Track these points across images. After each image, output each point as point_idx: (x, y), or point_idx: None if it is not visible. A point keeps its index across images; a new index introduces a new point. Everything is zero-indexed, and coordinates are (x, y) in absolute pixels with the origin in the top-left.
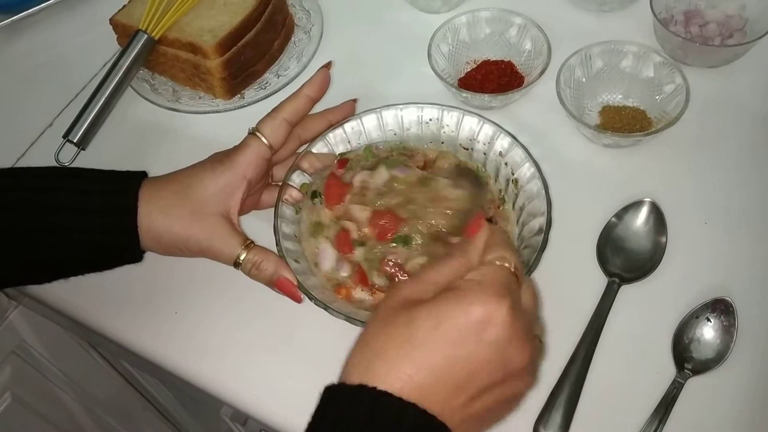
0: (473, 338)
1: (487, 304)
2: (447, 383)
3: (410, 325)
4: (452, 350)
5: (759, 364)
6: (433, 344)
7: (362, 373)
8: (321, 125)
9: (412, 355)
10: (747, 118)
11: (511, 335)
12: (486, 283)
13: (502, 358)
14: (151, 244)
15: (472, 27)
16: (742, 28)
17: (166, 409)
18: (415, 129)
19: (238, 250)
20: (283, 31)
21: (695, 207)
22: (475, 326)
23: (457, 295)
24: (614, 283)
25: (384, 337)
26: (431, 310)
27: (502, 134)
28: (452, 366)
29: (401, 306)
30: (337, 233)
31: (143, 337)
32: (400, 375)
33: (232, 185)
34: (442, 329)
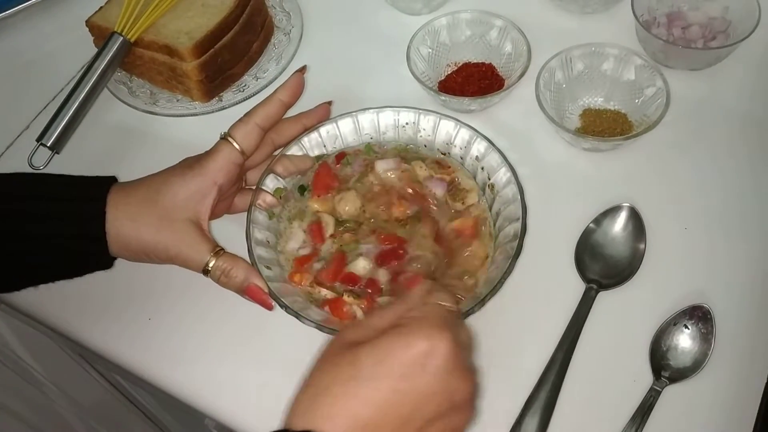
0: (418, 370)
1: (429, 337)
2: (394, 417)
3: (355, 363)
4: (397, 384)
5: (736, 373)
6: (378, 380)
7: (307, 414)
8: (295, 129)
9: (358, 391)
10: (729, 122)
11: (455, 366)
12: (427, 318)
13: (448, 388)
14: (120, 250)
15: (453, 29)
16: (725, 31)
17: (152, 414)
18: (391, 133)
19: (207, 257)
20: (262, 33)
21: (675, 212)
22: (418, 359)
23: (399, 331)
24: (592, 290)
25: (328, 376)
26: (375, 347)
27: (479, 138)
28: (398, 400)
29: (345, 347)
30: (312, 223)
31: (118, 344)
32: (346, 413)
33: (202, 191)
34: (387, 364)
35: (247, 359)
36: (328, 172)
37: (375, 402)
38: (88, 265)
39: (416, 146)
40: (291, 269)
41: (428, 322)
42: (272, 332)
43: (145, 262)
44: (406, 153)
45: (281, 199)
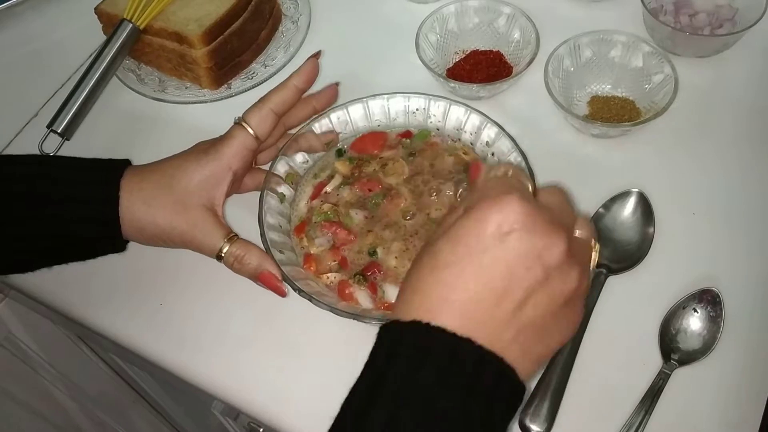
0: (496, 241)
1: (495, 206)
2: (488, 294)
3: (434, 254)
4: (480, 259)
5: (745, 355)
6: (459, 261)
7: (407, 312)
8: (305, 112)
9: (442, 278)
10: (736, 109)
11: (533, 225)
12: (488, 189)
13: (532, 248)
14: (134, 234)
15: (461, 17)
16: (732, 18)
17: (157, 402)
18: (401, 119)
19: (220, 242)
20: (270, 21)
21: (683, 197)
22: (492, 230)
23: (467, 214)
24: (601, 274)
25: (415, 272)
26: (449, 233)
27: (489, 124)
28: (486, 275)
29: (428, 243)
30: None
31: (129, 329)
32: (438, 302)
33: (217, 177)
34: (462, 244)
35: (258, 342)
36: (377, 138)
37: (462, 283)
38: (101, 247)
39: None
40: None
41: (491, 191)
42: (284, 316)
43: (158, 246)
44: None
45: (292, 184)
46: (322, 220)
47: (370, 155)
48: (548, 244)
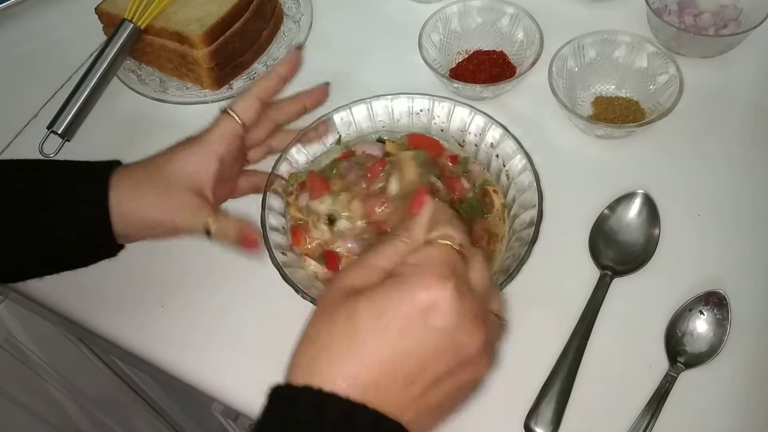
0: (419, 326)
1: (429, 289)
2: (396, 377)
3: (352, 319)
4: (398, 342)
5: (752, 358)
6: (377, 338)
7: (307, 373)
8: (295, 108)
9: (357, 351)
10: (741, 109)
11: (460, 319)
12: (427, 265)
13: (453, 343)
14: (125, 229)
15: (464, 16)
16: (737, 18)
17: (157, 404)
18: (405, 120)
19: (206, 219)
20: (272, 21)
21: (688, 199)
22: (419, 313)
23: (397, 282)
24: (606, 276)
25: (326, 333)
26: (372, 301)
27: (494, 125)
28: (400, 359)
29: (343, 297)
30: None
31: (130, 332)
32: (345, 374)
33: (204, 162)
34: (385, 320)
35: (258, 344)
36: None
37: (376, 362)
38: (93, 252)
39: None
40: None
41: (429, 270)
42: (285, 318)
43: (152, 239)
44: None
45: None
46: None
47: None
48: (469, 339)
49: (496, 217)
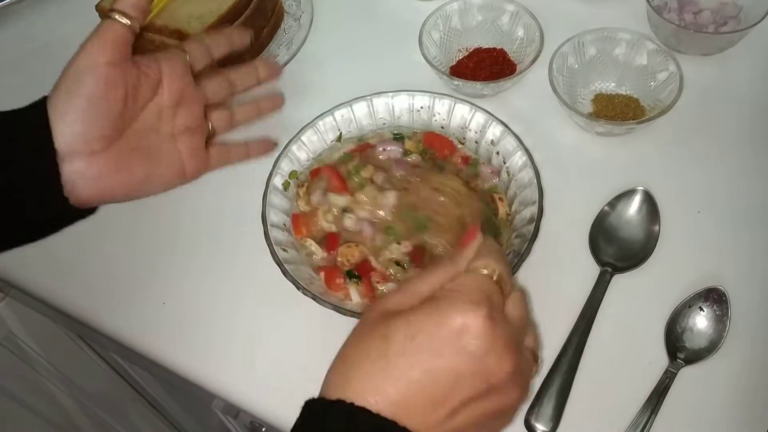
0: (450, 349)
1: (463, 313)
2: (425, 397)
3: (386, 338)
4: (429, 363)
5: (751, 354)
6: (408, 357)
7: (340, 389)
8: (251, 81)
9: (388, 369)
10: (741, 107)
11: (491, 345)
12: (464, 291)
13: (482, 368)
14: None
15: (464, 14)
16: (736, 16)
17: (157, 401)
18: (406, 117)
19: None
20: (272, 19)
21: (688, 196)
22: (451, 336)
23: (433, 306)
24: (607, 273)
25: (360, 351)
26: (407, 322)
27: (494, 122)
28: (430, 380)
29: (380, 318)
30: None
31: (131, 329)
32: (376, 390)
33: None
34: (417, 341)
35: (259, 340)
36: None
37: (405, 381)
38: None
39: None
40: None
41: (465, 296)
42: (286, 314)
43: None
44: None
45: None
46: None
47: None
48: (499, 366)
49: (499, 225)
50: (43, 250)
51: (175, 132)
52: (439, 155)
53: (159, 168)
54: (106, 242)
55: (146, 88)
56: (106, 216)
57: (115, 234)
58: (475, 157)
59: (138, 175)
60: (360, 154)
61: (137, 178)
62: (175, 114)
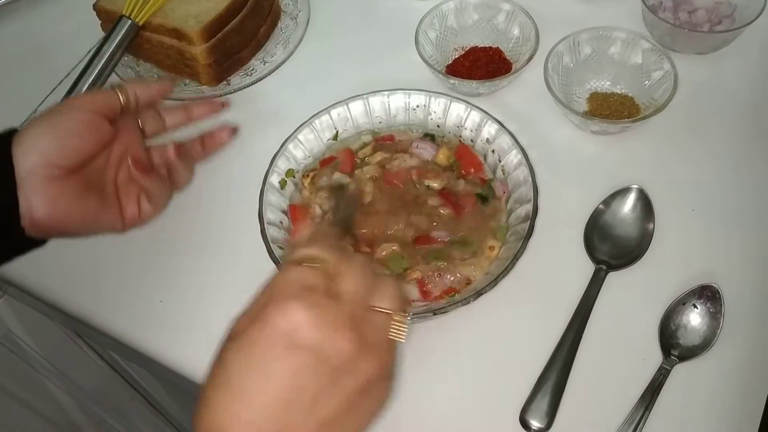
0: (280, 351)
1: (284, 313)
2: (276, 406)
3: (224, 365)
4: (265, 371)
5: (745, 351)
6: (246, 375)
7: (201, 420)
8: (181, 115)
9: (231, 393)
10: (735, 105)
11: (317, 331)
12: (281, 291)
13: (320, 357)
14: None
15: (460, 13)
16: (731, 15)
17: (155, 400)
18: (402, 116)
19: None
20: (269, 17)
21: (683, 194)
22: (278, 340)
23: (258, 319)
24: (601, 270)
25: (210, 381)
26: (240, 343)
27: (490, 121)
28: (272, 387)
29: (226, 342)
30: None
31: (129, 326)
32: (229, 416)
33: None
34: (249, 356)
35: None
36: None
37: (251, 398)
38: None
39: None
40: None
41: (282, 295)
42: None
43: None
44: None
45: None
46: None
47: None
48: (335, 347)
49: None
50: (41, 249)
51: (118, 179)
52: (465, 172)
53: (105, 208)
54: (104, 240)
55: (110, 139)
56: None
57: None
58: (491, 177)
59: (91, 209)
60: (376, 143)
61: (90, 212)
62: (120, 164)
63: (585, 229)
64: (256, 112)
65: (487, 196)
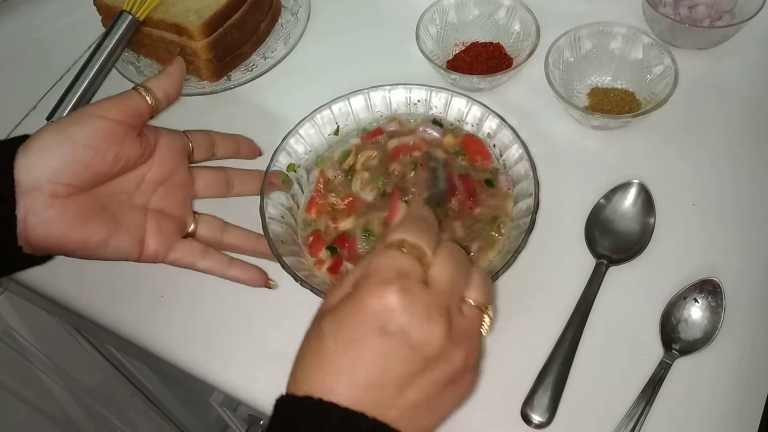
0: (372, 333)
1: (377, 296)
2: (366, 383)
3: (319, 336)
4: (359, 350)
5: (746, 345)
6: (340, 349)
7: (298, 383)
8: (232, 145)
9: (324, 365)
10: (735, 100)
11: (410, 318)
12: (374, 273)
13: (409, 345)
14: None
15: (461, 8)
16: (731, 10)
17: (155, 396)
18: (403, 110)
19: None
20: (270, 13)
21: (683, 188)
22: (370, 321)
23: (352, 296)
24: (602, 265)
25: (305, 350)
26: (334, 317)
27: (491, 115)
28: (364, 366)
29: (320, 316)
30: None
31: (129, 321)
32: (321, 385)
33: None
34: (343, 333)
35: (257, 331)
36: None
37: (343, 373)
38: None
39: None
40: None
41: (376, 278)
42: (284, 306)
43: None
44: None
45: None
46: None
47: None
48: (425, 336)
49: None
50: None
51: (149, 208)
52: (471, 159)
53: (118, 236)
54: None
55: (138, 157)
56: None
57: None
58: (498, 168)
59: (94, 236)
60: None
61: (93, 239)
62: (156, 191)
63: (586, 224)
64: (256, 108)
65: (493, 182)
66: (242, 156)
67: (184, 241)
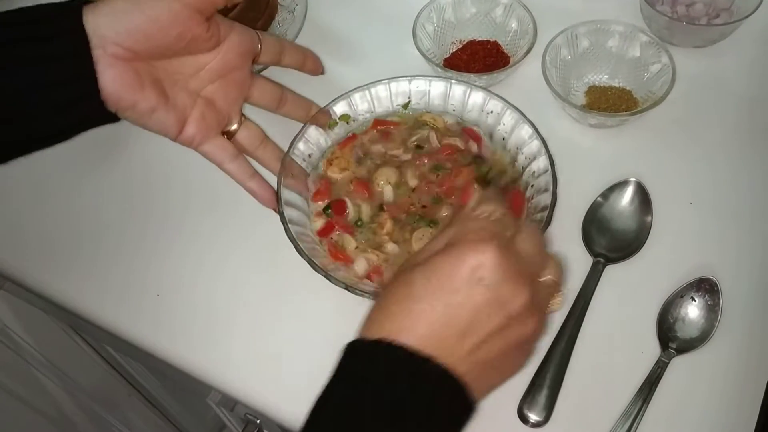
0: (465, 285)
1: (474, 250)
2: (449, 332)
3: (409, 283)
4: (449, 299)
5: (743, 343)
6: (429, 297)
7: (372, 330)
8: (299, 55)
9: (412, 309)
10: (733, 99)
11: (503, 277)
12: (471, 233)
13: (498, 298)
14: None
15: (458, 7)
16: (729, 8)
17: (152, 395)
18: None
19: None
20: (266, 11)
21: (680, 187)
22: (465, 274)
23: (447, 251)
24: (599, 263)
25: (389, 297)
26: (426, 266)
27: (510, 110)
28: (451, 314)
29: (407, 270)
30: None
31: (125, 320)
32: (403, 329)
33: None
34: (436, 281)
35: (255, 331)
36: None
37: (429, 317)
38: (80, 115)
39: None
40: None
41: (474, 236)
42: (282, 304)
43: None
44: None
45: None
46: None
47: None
48: (513, 295)
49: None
50: (38, 242)
51: (201, 95)
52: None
53: (164, 110)
54: (101, 233)
55: (203, 42)
56: (100, 205)
57: (109, 224)
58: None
59: (144, 102)
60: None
61: (143, 105)
62: (213, 82)
63: (583, 222)
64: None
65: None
66: (306, 69)
67: (221, 138)
